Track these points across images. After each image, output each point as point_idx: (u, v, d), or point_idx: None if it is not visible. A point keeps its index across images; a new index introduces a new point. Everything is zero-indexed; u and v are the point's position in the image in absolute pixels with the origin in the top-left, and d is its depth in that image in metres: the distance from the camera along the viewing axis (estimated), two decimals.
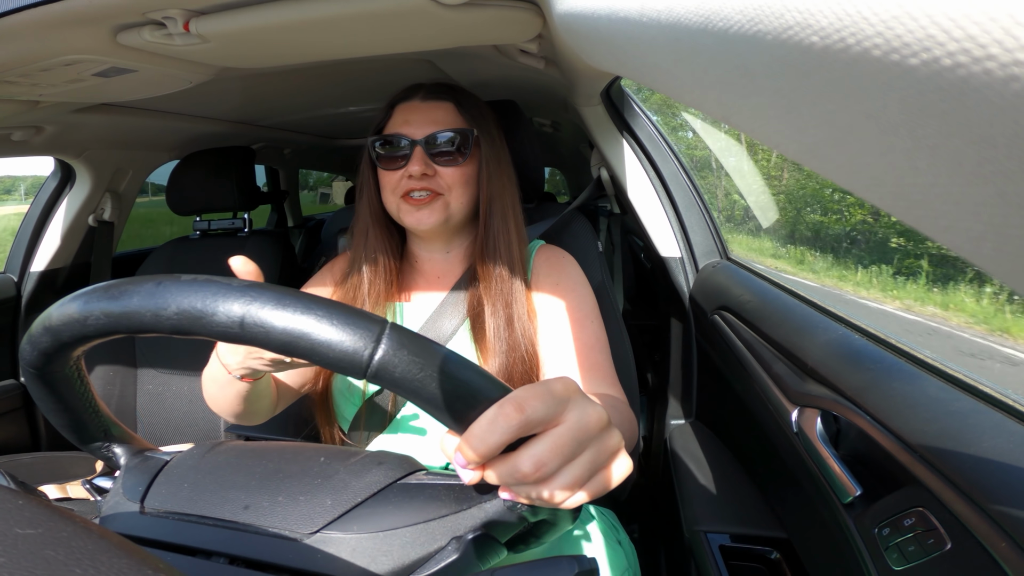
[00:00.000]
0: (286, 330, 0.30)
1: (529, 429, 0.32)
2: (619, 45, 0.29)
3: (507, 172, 0.80)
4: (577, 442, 0.33)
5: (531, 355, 0.72)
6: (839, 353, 0.59)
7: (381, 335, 0.31)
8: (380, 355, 0.31)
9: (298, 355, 0.31)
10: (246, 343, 0.31)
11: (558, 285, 0.78)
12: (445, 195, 0.75)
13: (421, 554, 0.37)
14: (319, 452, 0.45)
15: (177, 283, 0.32)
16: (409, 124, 0.75)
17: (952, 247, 0.13)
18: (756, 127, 0.19)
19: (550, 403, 0.32)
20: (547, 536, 0.41)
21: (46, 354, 0.37)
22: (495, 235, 0.77)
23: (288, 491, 0.41)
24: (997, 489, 0.36)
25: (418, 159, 0.73)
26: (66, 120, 1.04)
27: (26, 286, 1.37)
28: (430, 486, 0.41)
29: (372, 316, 0.32)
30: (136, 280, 0.34)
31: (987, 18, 0.10)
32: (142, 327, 0.33)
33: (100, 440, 0.47)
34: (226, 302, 0.31)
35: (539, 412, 0.32)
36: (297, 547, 0.37)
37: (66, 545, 0.19)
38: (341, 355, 0.30)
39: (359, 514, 0.39)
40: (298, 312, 0.31)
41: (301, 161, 2.58)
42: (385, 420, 0.74)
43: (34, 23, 0.57)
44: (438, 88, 0.79)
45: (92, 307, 0.34)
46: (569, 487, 0.33)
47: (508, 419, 0.31)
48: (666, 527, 0.98)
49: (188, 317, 0.31)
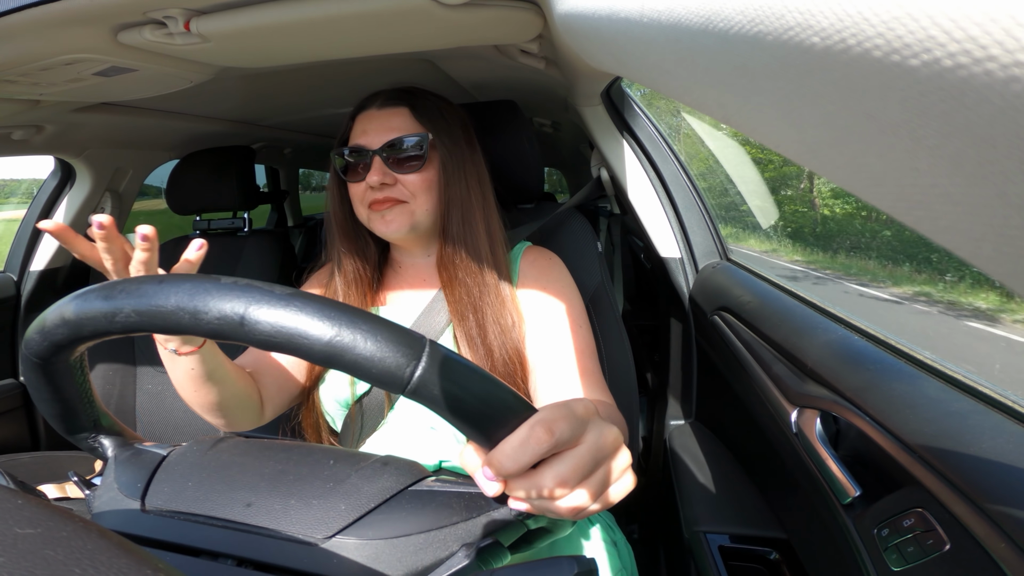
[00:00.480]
0: (330, 342, 0.31)
1: (556, 450, 0.35)
2: (619, 45, 0.29)
3: (473, 172, 0.78)
4: (595, 462, 0.36)
5: (513, 359, 0.71)
6: (838, 354, 0.59)
7: (422, 353, 0.32)
8: (420, 372, 0.31)
9: (340, 368, 0.31)
10: (288, 352, 0.31)
11: (545, 288, 0.77)
12: (409, 202, 0.75)
13: (432, 560, 0.38)
14: (326, 454, 0.45)
15: (218, 285, 0.32)
16: (367, 134, 0.75)
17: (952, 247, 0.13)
18: (756, 127, 0.19)
19: (575, 425, 0.35)
20: (540, 542, 0.43)
21: (58, 345, 0.36)
22: (454, 239, 0.76)
23: (300, 494, 0.41)
24: (996, 490, 0.36)
25: (377, 169, 0.73)
26: (66, 119, 1.04)
27: (26, 285, 1.37)
28: (441, 493, 0.42)
29: (413, 333, 0.33)
30: (175, 279, 0.33)
31: (988, 19, 0.10)
32: (179, 328, 0.32)
33: (89, 431, 0.47)
34: (273, 311, 0.31)
35: (565, 434, 0.34)
36: (312, 551, 0.38)
37: (65, 545, 0.19)
38: (384, 371, 0.31)
39: (373, 519, 0.39)
40: (342, 326, 0.31)
41: (301, 161, 2.58)
42: (375, 423, 0.74)
43: (34, 22, 0.57)
44: (394, 94, 0.78)
45: (120, 304, 0.33)
46: (580, 502, 0.36)
47: (539, 442, 0.33)
48: (666, 527, 0.98)
49: (228, 322, 0.31)
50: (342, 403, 0.76)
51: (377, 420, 0.74)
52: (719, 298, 0.90)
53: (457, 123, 0.79)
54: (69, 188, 1.37)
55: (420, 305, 0.79)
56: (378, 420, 0.74)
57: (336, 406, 0.76)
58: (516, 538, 0.41)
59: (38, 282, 1.37)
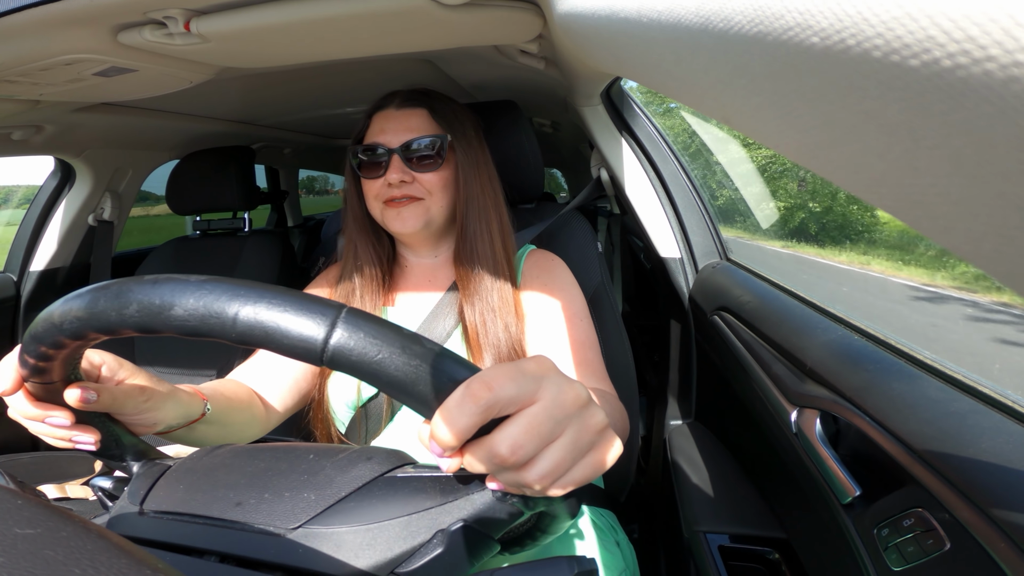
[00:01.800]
0: (244, 320, 0.31)
1: (500, 409, 0.30)
2: (619, 45, 0.29)
3: (486, 174, 0.81)
4: (554, 420, 0.31)
5: (520, 353, 0.73)
6: (838, 354, 0.59)
7: (336, 319, 0.31)
8: (335, 339, 0.30)
9: (255, 344, 0.31)
10: (203, 335, 0.32)
11: (546, 286, 0.79)
12: (425, 199, 0.77)
13: (406, 547, 0.36)
14: (310, 450, 0.45)
15: (139, 283, 0.33)
16: (385, 132, 0.77)
17: (952, 247, 0.13)
18: (756, 127, 0.19)
19: (521, 381, 0.31)
20: (550, 528, 0.40)
21: (36, 371, 0.38)
22: (472, 237, 0.78)
23: (275, 488, 0.40)
24: (996, 490, 0.36)
25: (396, 167, 0.75)
26: (66, 119, 1.04)
27: (25, 285, 1.37)
28: (416, 479, 0.40)
29: (328, 302, 0.32)
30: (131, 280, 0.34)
31: (987, 19, 0.10)
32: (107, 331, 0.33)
33: (121, 460, 0.48)
34: (183, 296, 0.31)
35: (509, 390, 0.30)
36: (280, 542, 0.37)
37: (65, 545, 0.19)
38: (296, 342, 0.30)
39: (342, 508, 0.38)
40: (250, 302, 0.31)
41: (301, 161, 2.58)
42: (380, 425, 0.74)
43: (34, 22, 0.57)
44: (413, 95, 0.80)
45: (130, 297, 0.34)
46: (553, 470, 0.31)
47: (476, 398, 0.29)
48: (665, 527, 0.98)
49: (149, 313, 0.32)
50: (350, 405, 0.76)
51: (379, 425, 0.75)
52: (719, 298, 0.90)
53: (470, 125, 0.81)
54: (69, 188, 1.37)
55: (427, 307, 0.80)
56: (379, 425, 0.74)
57: (344, 408, 0.77)
58: (510, 528, 0.39)
59: (38, 282, 1.37)
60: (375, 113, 0.81)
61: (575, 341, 0.73)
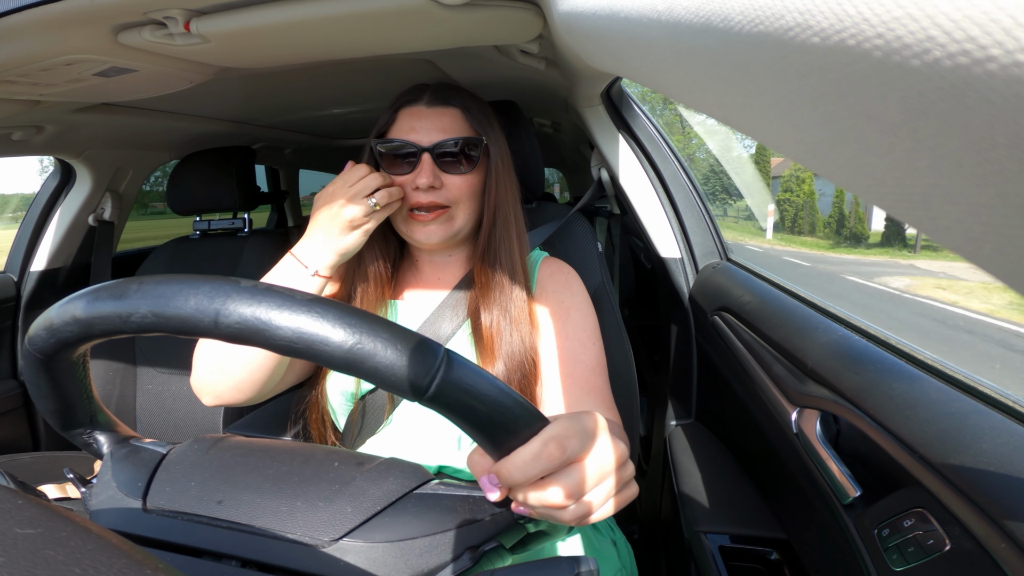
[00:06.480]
0: (350, 350, 0.31)
1: (565, 465, 0.36)
2: (620, 45, 0.29)
3: (512, 178, 0.79)
4: (599, 476, 0.37)
5: (530, 363, 0.72)
6: (839, 354, 0.59)
7: (440, 361, 0.32)
8: (439, 381, 0.32)
9: (360, 375, 0.31)
10: (306, 358, 0.32)
11: (563, 304, 0.77)
12: (452, 208, 0.74)
13: (437, 563, 0.39)
14: (330, 456, 0.46)
15: (237, 288, 0.32)
16: (416, 131, 0.73)
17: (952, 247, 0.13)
18: (756, 128, 0.19)
19: (584, 440, 0.37)
20: (538, 544, 0.43)
21: (65, 343, 0.36)
22: (497, 243, 0.76)
23: (306, 496, 0.41)
24: (996, 490, 0.36)
25: (426, 168, 0.72)
26: (66, 120, 1.04)
27: (26, 286, 1.37)
28: (446, 497, 0.43)
29: (431, 342, 0.33)
30: (189, 280, 0.33)
31: (987, 19, 0.10)
32: (195, 331, 0.32)
33: (85, 427, 0.46)
34: (293, 316, 0.31)
35: (576, 450, 0.36)
36: (318, 554, 0.38)
37: (66, 545, 0.19)
38: (404, 379, 0.32)
39: (379, 522, 0.40)
40: (362, 333, 0.31)
41: (301, 161, 2.58)
42: (378, 421, 0.74)
43: (34, 23, 0.57)
44: (444, 92, 0.76)
45: (138, 304, 0.33)
46: (585, 513, 0.37)
47: (551, 458, 0.35)
48: (666, 528, 0.98)
49: (249, 327, 0.31)
50: (347, 396, 0.75)
51: (378, 421, 0.74)
52: (719, 298, 0.90)
53: (498, 126, 0.79)
54: (69, 188, 1.37)
55: (434, 303, 0.78)
56: (379, 422, 0.74)
57: (341, 399, 0.76)
58: (516, 540, 0.42)
59: (38, 283, 1.37)
60: (402, 108, 0.76)
61: (586, 367, 0.72)
